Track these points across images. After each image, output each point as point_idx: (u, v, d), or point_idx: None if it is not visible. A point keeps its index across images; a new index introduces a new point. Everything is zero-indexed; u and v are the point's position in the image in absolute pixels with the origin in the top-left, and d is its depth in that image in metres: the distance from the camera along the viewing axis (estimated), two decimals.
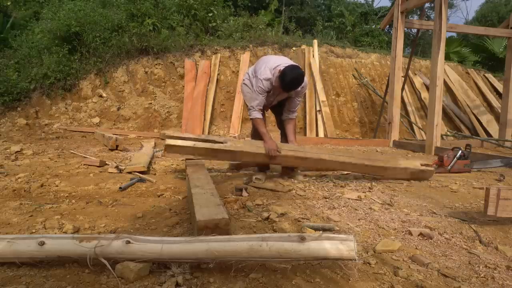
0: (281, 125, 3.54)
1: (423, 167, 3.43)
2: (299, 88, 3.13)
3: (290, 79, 2.95)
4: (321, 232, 1.83)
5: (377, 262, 1.60)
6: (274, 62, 3.13)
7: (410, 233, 1.97)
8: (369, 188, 3.04)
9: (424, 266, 1.57)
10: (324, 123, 8.18)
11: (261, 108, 3.15)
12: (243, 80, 3.42)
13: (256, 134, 3.35)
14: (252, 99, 3.15)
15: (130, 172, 3.41)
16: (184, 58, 8.41)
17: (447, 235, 1.98)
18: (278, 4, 13.63)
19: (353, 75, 9.70)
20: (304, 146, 3.33)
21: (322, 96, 8.33)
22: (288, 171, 3.47)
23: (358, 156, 3.46)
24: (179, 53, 8.53)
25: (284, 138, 3.47)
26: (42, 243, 1.40)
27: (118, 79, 8.00)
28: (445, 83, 9.18)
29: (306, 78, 3.18)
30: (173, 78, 8.31)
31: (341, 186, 3.07)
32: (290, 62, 3.14)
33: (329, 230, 1.97)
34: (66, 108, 7.54)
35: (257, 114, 3.13)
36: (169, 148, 3.11)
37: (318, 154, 3.25)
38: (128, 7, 8.54)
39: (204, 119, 7.52)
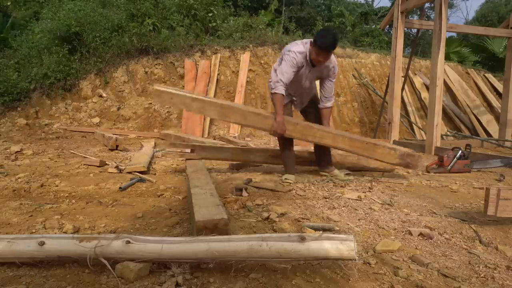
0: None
1: (411, 151, 3.38)
2: (332, 66, 3.13)
3: (328, 34, 2.91)
4: (321, 232, 1.83)
5: (377, 262, 1.60)
6: (302, 40, 3.12)
7: (410, 233, 1.97)
8: (369, 188, 3.04)
9: (424, 266, 1.57)
10: None
11: (287, 84, 3.01)
12: (271, 77, 3.20)
13: (284, 150, 3.33)
14: (280, 73, 2.98)
15: (130, 172, 3.41)
16: (184, 58, 8.41)
17: (447, 235, 1.98)
18: (278, 4, 13.62)
19: (353, 75, 9.70)
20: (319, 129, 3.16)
21: None
22: (323, 163, 3.49)
23: (350, 135, 3.50)
24: (179, 53, 8.52)
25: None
26: (42, 243, 1.40)
27: (118, 79, 8.00)
28: (445, 83, 9.18)
29: (335, 59, 3.21)
30: (173, 78, 8.31)
31: (341, 186, 3.07)
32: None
33: (329, 230, 1.97)
34: (66, 108, 7.54)
35: (281, 89, 2.97)
36: (158, 96, 3.07)
37: (334, 142, 3.22)
38: (128, 7, 8.54)
39: (204, 119, 7.52)
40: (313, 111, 3.47)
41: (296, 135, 3.14)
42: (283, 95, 2.99)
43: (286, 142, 3.32)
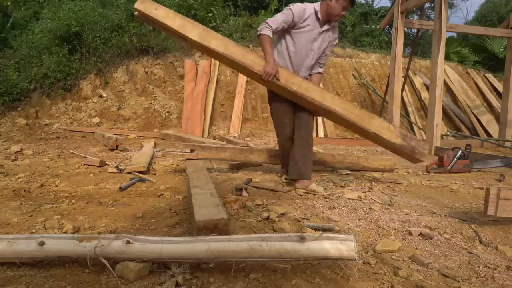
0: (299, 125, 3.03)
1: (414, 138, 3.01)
2: (336, 26, 2.96)
3: None
4: (321, 232, 1.83)
5: (377, 262, 1.60)
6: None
7: (410, 233, 1.97)
8: (369, 188, 3.04)
9: (424, 266, 1.57)
10: (324, 123, 8.18)
11: (276, 28, 2.75)
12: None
13: (284, 155, 3.13)
14: (272, 19, 2.78)
15: (130, 172, 3.41)
16: (184, 58, 8.41)
17: (447, 235, 1.98)
18: (278, 4, 13.62)
19: (353, 75, 9.70)
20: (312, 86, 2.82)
21: None
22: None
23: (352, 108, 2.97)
24: (179, 53, 8.53)
25: (301, 143, 3.03)
26: (42, 243, 1.40)
27: (118, 79, 8.00)
28: (445, 83, 9.18)
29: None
30: (173, 78, 8.31)
31: (341, 186, 3.07)
32: None
33: (329, 230, 1.97)
34: (66, 108, 7.54)
35: (268, 31, 2.73)
36: (142, 3, 2.77)
37: (322, 99, 2.82)
38: (128, 7, 8.54)
39: (204, 119, 7.52)
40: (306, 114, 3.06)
41: (281, 81, 2.75)
42: (270, 37, 2.74)
43: (287, 150, 3.07)
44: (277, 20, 2.77)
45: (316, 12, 2.83)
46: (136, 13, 2.78)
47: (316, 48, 2.91)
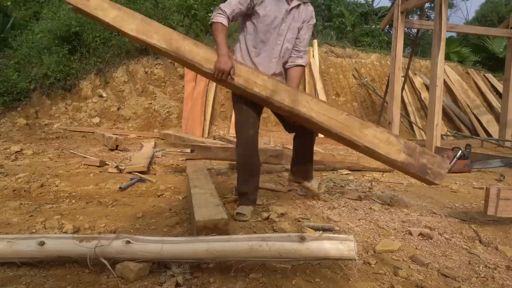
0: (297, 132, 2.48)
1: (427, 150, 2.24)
2: (310, 9, 2.36)
3: None
4: (321, 232, 1.83)
5: (377, 262, 1.60)
6: None
7: (410, 233, 1.97)
8: (369, 188, 3.04)
9: (424, 266, 1.57)
10: None
11: (231, 13, 2.19)
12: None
13: (246, 163, 2.30)
14: (225, 4, 2.21)
15: (130, 172, 3.41)
16: None
17: (447, 235, 1.98)
18: None
19: (353, 75, 9.70)
20: (286, 85, 2.24)
21: (322, 96, 8.33)
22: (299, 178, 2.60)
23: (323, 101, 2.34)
24: None
25: (304, 149, 2.53)
26: (42, 243, 1.40)
27: (118, 79, 8.00)
28: (445, 83, 9.18)
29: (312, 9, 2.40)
30: (173, 78, 8.31)
31: (341, 186, 3.07)
32: None
33: (329, 230, 1.97)
34: (66, 108, 7.54)
35: (221, 18, 2.17)
36: (74, 8, 2.31)
37: (294, 103, 2.17)
38: (128, 7, 8.54)
39: (204, 119, 7.52)
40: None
41: (239, 81, 2.16)
42: (224, 25, 2.17)
43: (253, 161, 2.30)
44: (231, 3, 2.19)
45: None
46: (69, 6, 2.36)
47: (285, 31, 2.28)
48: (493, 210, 2.01)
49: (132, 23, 2.31)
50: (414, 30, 10.93)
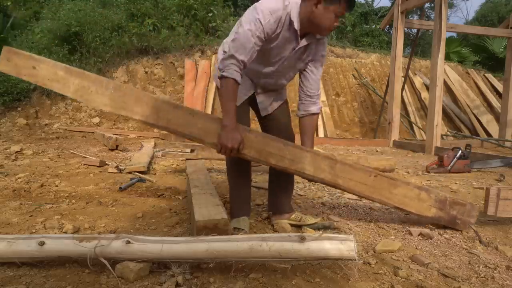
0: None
1: (454, 197, 2.09)
2: (325, 42, 1.94)
3: None
4: (321, 232, 1.83)
5: (377, 262, 1.60)
6: None
7: (410, 233, 1.97)
8: None
9: (424, 266, 1.57)
10: (324, 123, 8.19)
11: (248, 60, 1.70)
12: (218, 58, 1.95)
13: (234, 170, 2.03)
14: (236, 47, 1.67)
15: (130, 172, 3.41)
16: (184, 58, 8.41)
17: (447, 235, 1.98)
18: None
19: (353, 75, 9.70)
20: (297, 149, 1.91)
21: (322, 96, 8.33)
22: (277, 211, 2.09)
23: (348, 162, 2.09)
24: (179, 53, 8.53)
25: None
26: (42, 243, 1.40)
27: (118, 79, 7.99)
28: (445, 83, 9.18)
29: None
30: (173, 78, 8.32)
31: None
32: None
33: (329, 230, 1.97)
34: (66, 108, 7.54)
35: (236, 73, 1.68)
36: (7, 60, 1.94)
37: (316, 171, 1.92)
38: (128, 7, 8.55)
39: None
40: (285, 123, 2.09)
41: (250, 153, 1.84)
42: (236, 81, 1.69)
43: (242, 174, 2.04)
44: (246, 46, 1.67)
45: (290, 20, 1.73)
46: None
47: (286, 69, 1.93)
48: (493, 210, 2.01)
49: (103, 95, 1.88)
50: (414, 30, 10.93)
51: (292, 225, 2.01)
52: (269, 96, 2.03)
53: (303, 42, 1.82)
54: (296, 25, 1.73)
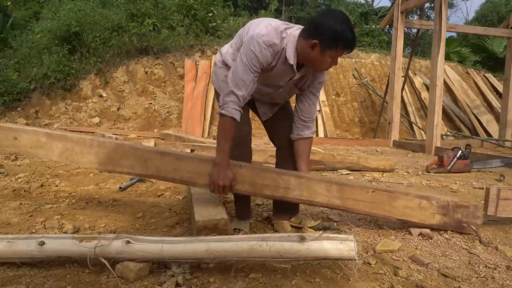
0: (282, 143, 2.08)
1: (457, 200, 2.04)
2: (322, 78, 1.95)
3: (342, 20, 1.64)
4: (321, 232, 1.83)
5: (377, 262, 1.60)
6: (276, 23, 1.75)
7: (410, 233, 1.97)
8: None
9: (424, 266, 1.57)
10: (324, 123, 8.19)
11: (244, 98, 1.72)
12: (215, 63, 2.01)
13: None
14: (235, 82, 1.68)
15: None
16: (184, 58, 8.41)
17: (447, 235, 1.98)
18: (278, 4, 13.63)
19: (353, 75, 9.70)
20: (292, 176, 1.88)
21: (322, 96, 8.33)
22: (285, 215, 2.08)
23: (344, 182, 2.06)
24: (179, 53, 8.53)
25: (290, 164, 2.01)
26: (42, 243, 1.40)
27: (118, 79, 8.00)
28: (445, 83, 9.18)
29: None
30: (173, 78, 8.32)
31: None
32: (300, 26, 1.78)
33: (329, 229, 1.97)
34: (66, 108, 7.55)
35: (236, 112, 1.69)
36: None
37: (312, 196, 1.89)
38: (128, 7, 8.55)
39: (204, 119, 7.52)
40: (284, 124, 2.06)
41: (243, 188, 1.84)
42: (234, 119, 1.69)
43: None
44: (245, 81, 1.68)
45: (285, 57, 1.72)
46: None
47: (280, 94, 1.95)
48: (493, 210, 2.01)
49: (89, 153, 1.92)
50: (414, 30, 10.93)
51: (292, 226, 2.03)
52: (269, 105, 2.06)
53: (300, 73, 1.81)
54: (292, 60, 1.71)
